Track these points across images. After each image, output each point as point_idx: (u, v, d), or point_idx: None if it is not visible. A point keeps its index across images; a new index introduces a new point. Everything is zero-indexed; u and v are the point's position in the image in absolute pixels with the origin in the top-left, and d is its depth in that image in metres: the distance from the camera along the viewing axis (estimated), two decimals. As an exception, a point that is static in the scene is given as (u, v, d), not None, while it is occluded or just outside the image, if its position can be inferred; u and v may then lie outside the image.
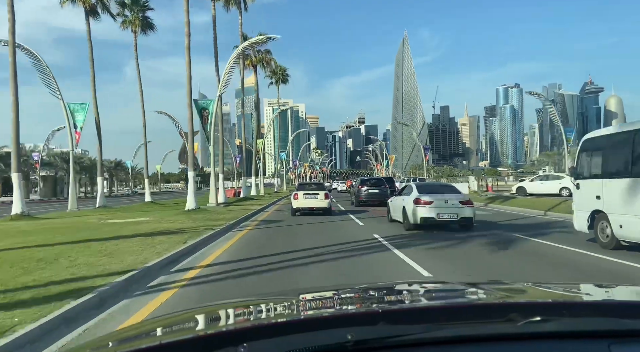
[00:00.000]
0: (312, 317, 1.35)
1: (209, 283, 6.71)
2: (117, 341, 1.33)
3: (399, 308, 1.44)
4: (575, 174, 10.28)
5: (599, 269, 7.77)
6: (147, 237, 10.70)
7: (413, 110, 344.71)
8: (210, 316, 1.52)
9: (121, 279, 6.21)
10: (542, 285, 1.92)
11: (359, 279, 6.84)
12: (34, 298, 5.13)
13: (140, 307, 5.32)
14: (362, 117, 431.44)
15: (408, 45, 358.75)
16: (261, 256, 8.81)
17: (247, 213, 18.96)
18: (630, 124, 8.86)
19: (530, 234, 11.65)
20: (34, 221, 16.80)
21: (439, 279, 6.63)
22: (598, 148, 9.71)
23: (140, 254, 8.28)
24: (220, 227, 13.25)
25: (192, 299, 5.70)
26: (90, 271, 6.73)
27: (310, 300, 1.66)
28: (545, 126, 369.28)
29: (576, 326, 1.11)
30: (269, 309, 1.57)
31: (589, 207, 9.70)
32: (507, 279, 2.25)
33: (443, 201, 12.48)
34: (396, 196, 15.12)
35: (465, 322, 1.13)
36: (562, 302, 1.46)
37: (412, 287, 2.00)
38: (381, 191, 24.09)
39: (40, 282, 5.96)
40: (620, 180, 8.89)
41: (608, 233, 9.17)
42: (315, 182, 25.07)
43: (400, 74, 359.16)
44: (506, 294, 1.63)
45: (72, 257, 7.95)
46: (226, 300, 2.07)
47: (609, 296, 1.66)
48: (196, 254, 9.40)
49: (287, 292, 3.08)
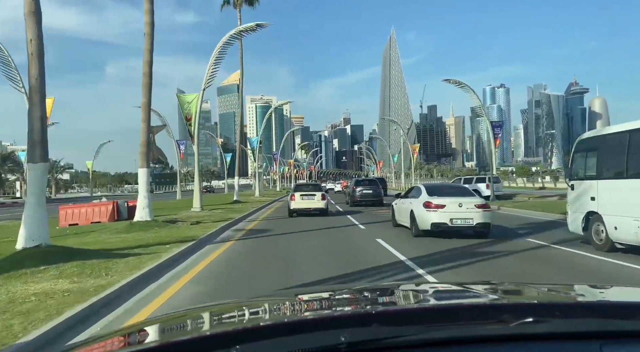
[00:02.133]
0: (305, 319, 1.35)
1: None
2: (106, 344, 1.31)
3: (392, 309, 1.45)
4: (570, 175, 10.35)
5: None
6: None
7: (401, 108, 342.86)
8: (202, 318, 1.53)
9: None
10: (535, 286, 1.98)
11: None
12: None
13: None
14: (347, 117, 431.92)
15: (395, 42, 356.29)
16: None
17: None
18: (626, 124, 8.93)
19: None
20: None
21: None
22: (593, 149, 9.78)
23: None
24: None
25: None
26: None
27: (305, 301, 1.67)
28: (530, 127, 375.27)
29: (568, 327, 1.13)
30: (263, 310, 1.59)
31: (584, 208, 9.77)
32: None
33: (457, 204, 11.35)
34: (402, 198, 14.01)
35: (458, 323, 1.15)
36: (555, 303, 1.49)
37: (407, 289, 2.03)
38: (375, 192, 25.56)
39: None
40: (616, 181, 8.96)
41: (602, 235, 9.23)
42: (312, 183, 25.97)
43: (387, 72, 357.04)
44: (499, 295, 1.67)
45: None
46: (220, 301, 2.08)
47: (601, 296, 1.69)
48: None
49: (283, 293, 3.04)
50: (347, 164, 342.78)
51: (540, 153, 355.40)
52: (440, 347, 1.06)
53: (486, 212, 11.46)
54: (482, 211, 11.38)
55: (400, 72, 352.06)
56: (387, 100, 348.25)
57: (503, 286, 1.85)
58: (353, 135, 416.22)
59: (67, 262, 7.66)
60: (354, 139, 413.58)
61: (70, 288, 6.17)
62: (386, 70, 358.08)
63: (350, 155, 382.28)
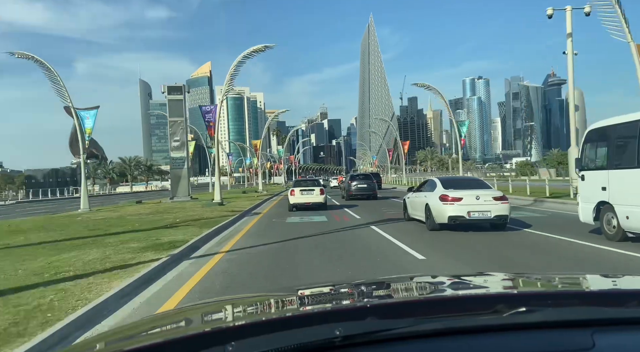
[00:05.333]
0: (300, 314, 1.38)
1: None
2: (101, 343, 1.34)
3: (387, 302, 1.48)
4: (580, 166, 10.64)
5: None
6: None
7: (382, 100, 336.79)
8: (197, 314, 1.57)
9: None
10: (527, 275, 2.07)
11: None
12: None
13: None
14: (324, 112, 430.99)
15: (374, 30, 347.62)
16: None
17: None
18: (636, 114, 9.22)
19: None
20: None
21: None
22: (603, 139, 10.08)
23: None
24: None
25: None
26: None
27: (300, 297, 1.70)
28: (508, 119, 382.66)
29: (561, 315, 1.17)
30: (258, 306, 1.63)
31: (595, 198, 10.08)
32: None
33: (474, 197, 11.58)
34: (414, 192, 14.32)
35: (452, 314, 1.19)
36: (547, 292, 1.55)
37: (402, 281, 2.10)
38: (369, 186, 27.06)
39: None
40: (627, 170, 9.27)
41: (615, 224, 9.55)
42: (310, 178, 27.27)
43: (366, 62, 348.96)
44: (492, 286, 1.72)
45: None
46: (213, 298, 2.12)
47: (593, 285, 1.74)
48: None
49: (281, 288, 3.13)
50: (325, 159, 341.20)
51: (519, 146, 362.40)
52: (435, 338, 1.09)
53: (504, 205, 11.59)
54: (500, 203, 11.54)
55: (380, 62, 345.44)
56: (367, 92, 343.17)
57: (496, 276, 1.90)
58: (330, 130, 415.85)
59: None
60: (331, 134, 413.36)
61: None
62: (365, 60, 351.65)
63: (328, 150, 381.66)
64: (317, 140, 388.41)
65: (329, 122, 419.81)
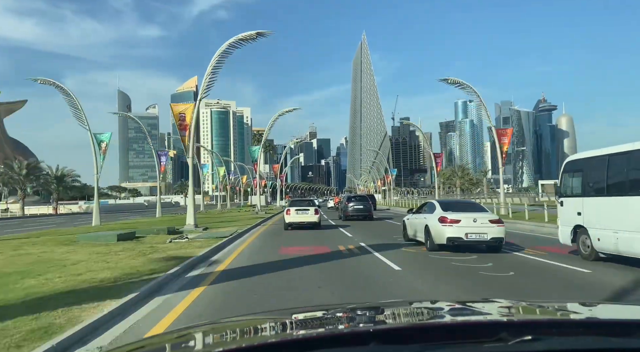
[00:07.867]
0: (303, 338, 1.41)
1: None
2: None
3: (390, 328, 1.50)
4: (559, 193, 12.27)
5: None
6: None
7: (373, 119, 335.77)
8: (195, 338, 1.59)
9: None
10: (532, 303, 2.08)
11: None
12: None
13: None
14: (313, 132, 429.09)
15: (367, 47, 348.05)
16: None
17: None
18: (606, 149, 10.90)
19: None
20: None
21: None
22: (578, 170, 11.75)
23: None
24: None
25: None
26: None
27: (302, 320, 1.73)
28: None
29: (566, 344, 1.21)
30: (258, 329, 1.65)
31: (572, 222, 11.65)
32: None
33: (471, 219, 12.42)
34: (414, 214, 15.23)
35: (455, 341, 1.21)
36: (553, 320, 1.58)
37: (403, 307, 2.10)
38: (365, 207, 28.45)
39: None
40: (598, 198, 10.89)
41: (588, 244, 11.11)
42: (306, 199, 28.58)
43: (358, 79, 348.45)
44: (497, 312, 1.76)
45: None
46: (213, 320, 2.16)
47: (597, 314, 1.79)
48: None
49: (279, 311, 3.17)
50: (313, 179, 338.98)
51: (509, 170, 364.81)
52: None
53: (500, 227, 12.53)
54: (496, 226, 12.49)
55: (373, 79, 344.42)
56: (359, 110, 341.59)
57: (501, 303, 1.90)
58: (320, 149, 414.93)
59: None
60: (320, 154, 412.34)
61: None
62: (357, 78, 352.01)
63: (317, 170, 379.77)
64: (306, 160, 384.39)
65: (318, 141, 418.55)
